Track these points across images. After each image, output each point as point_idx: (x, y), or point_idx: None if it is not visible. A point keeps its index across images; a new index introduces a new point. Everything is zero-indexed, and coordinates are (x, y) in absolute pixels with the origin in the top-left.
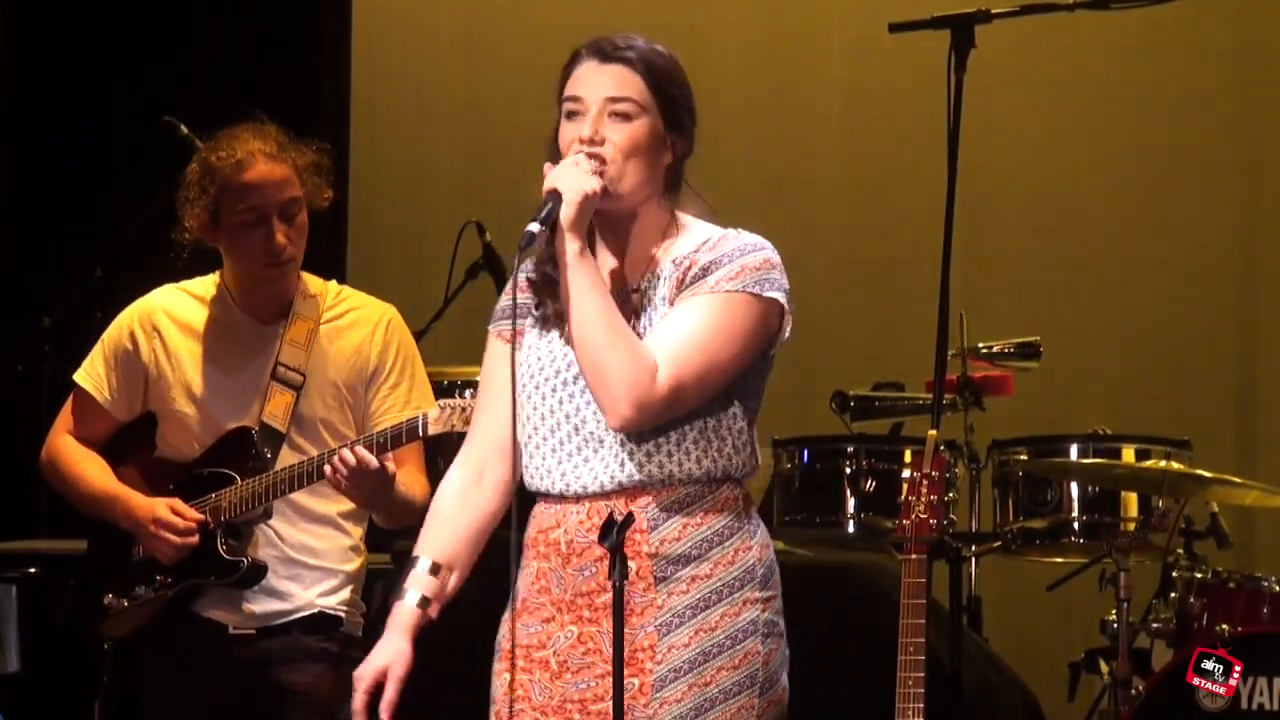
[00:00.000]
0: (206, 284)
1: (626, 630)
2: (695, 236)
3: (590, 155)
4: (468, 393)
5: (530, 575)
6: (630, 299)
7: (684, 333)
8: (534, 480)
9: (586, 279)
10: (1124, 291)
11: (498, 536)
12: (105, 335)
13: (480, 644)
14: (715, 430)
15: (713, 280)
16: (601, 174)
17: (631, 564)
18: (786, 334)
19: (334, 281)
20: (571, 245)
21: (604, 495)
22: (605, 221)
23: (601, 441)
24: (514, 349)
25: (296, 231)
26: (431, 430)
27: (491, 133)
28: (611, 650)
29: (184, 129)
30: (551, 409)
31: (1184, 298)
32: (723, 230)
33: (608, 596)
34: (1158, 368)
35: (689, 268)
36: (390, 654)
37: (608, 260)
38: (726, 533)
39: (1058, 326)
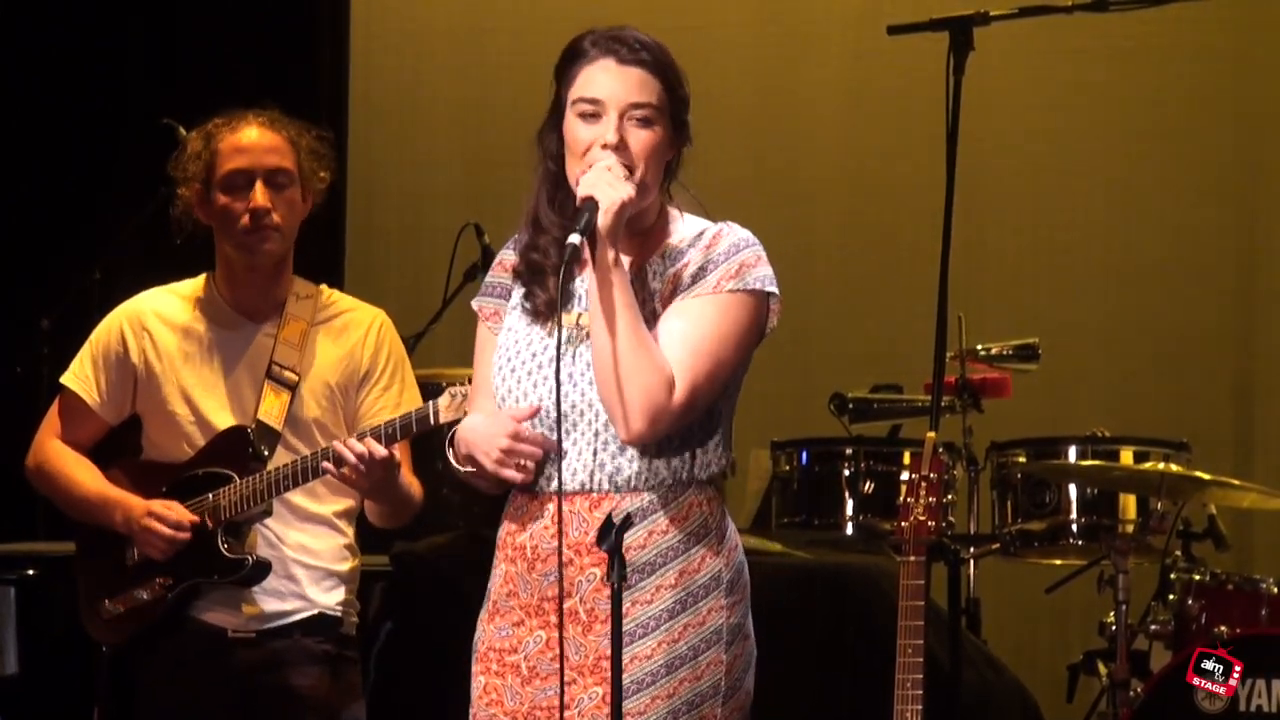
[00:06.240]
0: (196, 284)
1: (590, 637)
2: (686, 229)
3: (621, 163)
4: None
5: (499, 578)
6: None
7: (694, 339)
8: None
9: (621, 290)
10: (1122, 293)
11: (486, 536)
12: (93, 337)
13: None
14: (683, 434)
15: (713, 280)
16: (631, 180)
17: (596, 570)
18: (773, 325)
19: (325, 285)
20: (608, 254)
21: (566, 496)
22: None
23: (574, 426)
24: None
25: (284, 204)
26: (443, 418)
27: (490, 134)
28: (577, 657)
29: (183, 130)
30: (526, 393)
31: (1183, 300)
32: (713, 225)
33: (571, 602)
34: (1156, 370)
35: (684, 265)
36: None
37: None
38: (692, 540)
39: (1056, 328)
